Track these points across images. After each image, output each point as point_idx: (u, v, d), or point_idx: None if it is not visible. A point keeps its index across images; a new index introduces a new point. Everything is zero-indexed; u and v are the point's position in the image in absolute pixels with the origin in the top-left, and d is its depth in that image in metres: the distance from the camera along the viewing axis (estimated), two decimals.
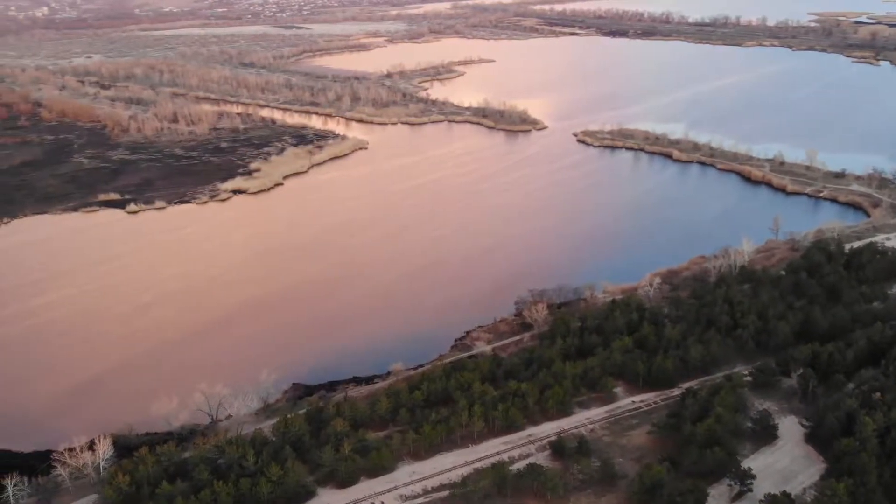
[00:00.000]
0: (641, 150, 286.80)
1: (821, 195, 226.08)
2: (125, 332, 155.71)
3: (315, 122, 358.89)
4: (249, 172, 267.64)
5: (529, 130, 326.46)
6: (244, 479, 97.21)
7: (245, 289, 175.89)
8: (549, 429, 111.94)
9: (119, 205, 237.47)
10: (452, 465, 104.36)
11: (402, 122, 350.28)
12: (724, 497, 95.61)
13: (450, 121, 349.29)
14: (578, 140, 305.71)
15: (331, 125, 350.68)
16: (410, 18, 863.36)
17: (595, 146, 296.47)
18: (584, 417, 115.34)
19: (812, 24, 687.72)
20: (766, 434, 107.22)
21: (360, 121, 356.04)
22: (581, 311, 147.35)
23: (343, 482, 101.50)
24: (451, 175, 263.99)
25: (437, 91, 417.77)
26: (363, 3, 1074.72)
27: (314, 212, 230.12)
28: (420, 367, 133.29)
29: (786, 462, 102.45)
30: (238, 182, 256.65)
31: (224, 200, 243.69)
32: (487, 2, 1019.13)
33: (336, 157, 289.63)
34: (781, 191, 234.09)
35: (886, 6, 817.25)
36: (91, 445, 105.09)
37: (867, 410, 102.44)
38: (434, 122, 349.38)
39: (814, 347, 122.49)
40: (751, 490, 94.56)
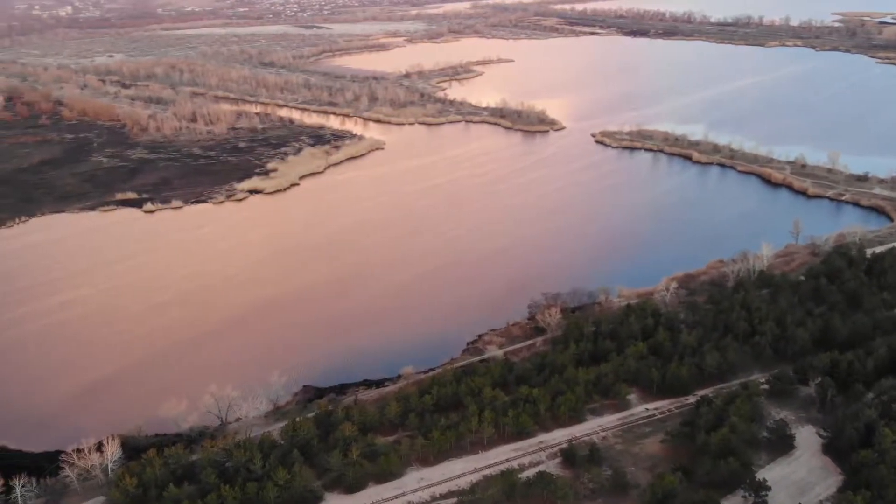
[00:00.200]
0: (661, 152, 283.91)
1: (843, 199, 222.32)
2: (139, 333, 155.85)
3: (333, 122, 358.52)
4: (266, 172, 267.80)
5: (547, 131, 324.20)
6: (251, 483, 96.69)
7: (259, 289, 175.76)
8: (561, 436, 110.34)
9: (136, 204, 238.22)
10: (461, 472, 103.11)
11: (420, 123, 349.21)
12: None
13: (467, 121, 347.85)
14: (597, 141, 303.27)
15: (348, 125, 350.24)
16: (430, 18, 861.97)
17: (613, 147, 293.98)
18: (597, 425, 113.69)
19: (836, 25, 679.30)
20: (783, 444, 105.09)
21: (378, 121, 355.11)
22: (595, 316, 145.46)
23: (350, 487, 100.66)
24: (468, 176, 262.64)
25: (455, 91, 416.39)
26: (383, 3, 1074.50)
27: (330, 212, 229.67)
28: (431, 371, 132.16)
29: (802, 473, 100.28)
30: (255, 182, 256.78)
31: (240, 200, 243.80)
32: (507, 1, 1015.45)
33: (352, 158, 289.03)
34: (802, 194, 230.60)
35: None
36: (99, 447, 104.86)
37: (887, 421, 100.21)
38: (451, 123, 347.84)
39: (833, 355, 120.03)
40: (766, 502, 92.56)
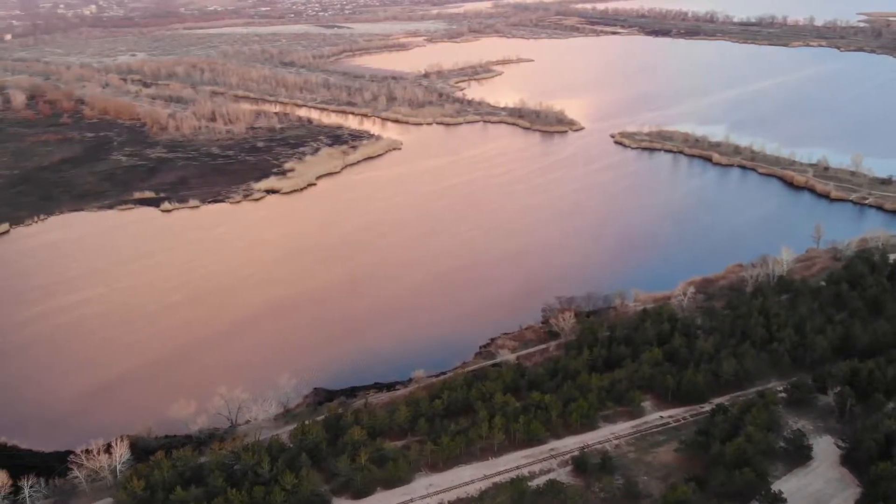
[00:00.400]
0: (680, 153, 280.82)
1: (866, 202, 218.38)
2: (153, 332, 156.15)
3: (351, 122, 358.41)
4: (283, 172, 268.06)
5: (566, 131, 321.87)
6: (258, 487, 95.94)
7: (273, 289, 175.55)
8: (573, 443, 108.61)
9: (154, 203, 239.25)
10: (470, 479, 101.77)
11: (437, 123, 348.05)
12: None
13: (485, 121, 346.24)
14: (616, 141, 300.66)
15: (366, 125, 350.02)
16: (451, 17, 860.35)
17: (633, 148, 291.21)
18: (609, 432, 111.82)
19: (861, 25, 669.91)
20: (800, 455, 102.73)
21: (396, 121, 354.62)
22: (610, 321, 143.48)
23: (358, 493, 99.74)
24: (485, 176, 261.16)
25: (474, 91, 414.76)
26: (404, 3, 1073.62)
27: (345, 212, 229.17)
28: (442, 375, 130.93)
29: (819, 485, 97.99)
30: (272, 182, 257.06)
31: (257, 200, 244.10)
32: (528, 1, 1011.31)
33: (369, 158, 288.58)
34: (825, 197, 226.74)
35: None
36: (108, 448, 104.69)
37: None
38: (469, 123, 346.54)
39: (853, 364, 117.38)
40: None
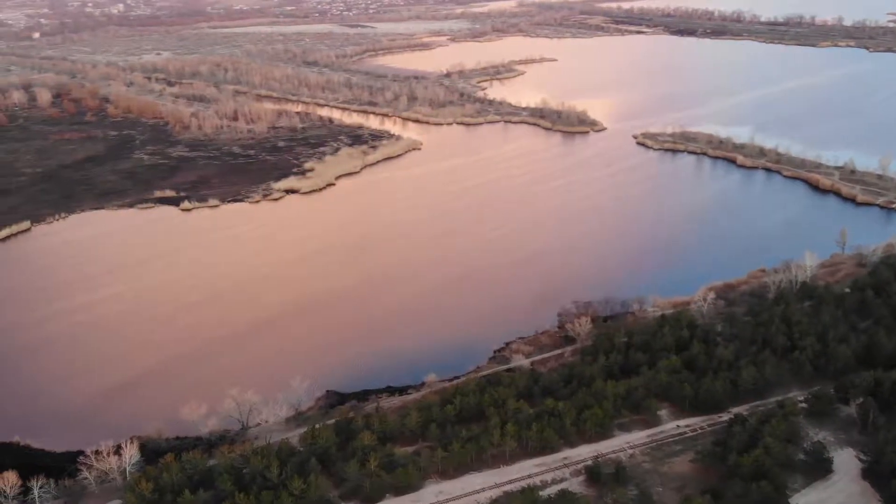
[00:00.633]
0: (704, 155, 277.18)
1: (893, 206, 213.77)
2: (169, 331, 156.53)
3: (372, 122, 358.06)
4: (303, 172, 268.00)
5: (587, 132, 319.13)
6: (266, 492, 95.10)
7: (290, 290, 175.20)
8: (586, 452, 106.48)
9: (174, 202, 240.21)
10: (481, 487, 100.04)
11: (458, 123, 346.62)
12: None
13: (506, 121, 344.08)
14: (638, 143, 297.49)
15: (387, 125, 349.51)
16: (474, 17, 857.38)
17: (655, 149, 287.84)
18: (624, 441, 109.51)
19: (891, 25, 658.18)
20: (820, 467, 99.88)
21: (417, 121, 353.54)
22: (627, 326, 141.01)
23: (367, 499, 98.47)
24: (504, 177, 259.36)
25: (496, 91, 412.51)
26: (428, 2, 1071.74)
27: (363, 213, 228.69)
28: (455, 379, 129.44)
29: (840, 499, 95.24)
30: (291, 181, 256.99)
31: (276, 200, 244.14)
32: (553, 0, 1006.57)
33: (389, 158, 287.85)
34: (851, 201, 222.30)
35: None
36: (118, 449, 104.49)
37: None
38: (490, 123, 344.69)
39: (877, 374, 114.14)
40: None
